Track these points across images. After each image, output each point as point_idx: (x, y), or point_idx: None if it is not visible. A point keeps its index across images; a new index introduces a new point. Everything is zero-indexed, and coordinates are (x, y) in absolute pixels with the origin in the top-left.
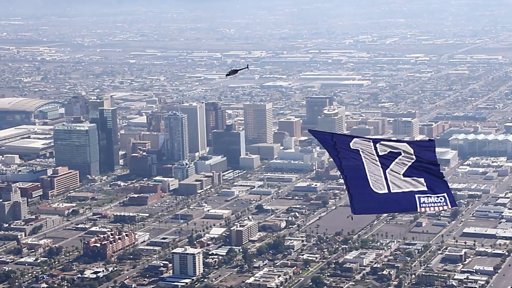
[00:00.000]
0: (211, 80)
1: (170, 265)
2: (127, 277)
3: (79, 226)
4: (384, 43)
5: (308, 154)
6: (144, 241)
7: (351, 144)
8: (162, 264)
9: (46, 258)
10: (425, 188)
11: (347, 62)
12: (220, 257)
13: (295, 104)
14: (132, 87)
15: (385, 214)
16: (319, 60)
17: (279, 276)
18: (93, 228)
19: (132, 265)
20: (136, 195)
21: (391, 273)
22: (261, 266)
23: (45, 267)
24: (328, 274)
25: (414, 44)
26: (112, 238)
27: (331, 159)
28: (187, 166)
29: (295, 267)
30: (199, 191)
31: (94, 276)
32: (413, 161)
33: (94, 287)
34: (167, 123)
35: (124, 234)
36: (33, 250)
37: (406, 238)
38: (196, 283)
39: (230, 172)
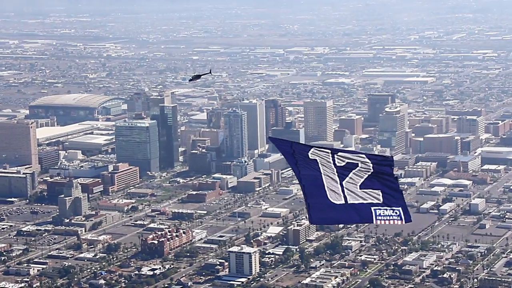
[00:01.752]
0: (273, 77)
1: (226, 263)
2: (184, 274)
3: (137, 222)
4: (450, 39)
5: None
6: (201, 239)
7: (309, 153)
8: (218, 263)
9: (105, 254)
10: (381, 201)
11: (411, 59)
12: (277, 257)
13: (357, 101)
14: (194, 83)
15: (447, 215)
16: (383, 57)
17: (336, 277)
18: (151, 225)
19: (189, 262)
20: (194, 192)
21: (452, 276)
22: (318, 267)
23: (103, 263)
24: (387, 276)
25: (482, 40)
26: (169, 235)
27: None
28: (246, 163)
29: (352, 268)
30: (257, 189)
31: (151, 273)
32: (370, 173)
33: (151, 284)
34: (227, 120)
35: (181, 231)
36: (92, 246)
37: (469, 240)
38: (252, 282)
39: (289, 170)
